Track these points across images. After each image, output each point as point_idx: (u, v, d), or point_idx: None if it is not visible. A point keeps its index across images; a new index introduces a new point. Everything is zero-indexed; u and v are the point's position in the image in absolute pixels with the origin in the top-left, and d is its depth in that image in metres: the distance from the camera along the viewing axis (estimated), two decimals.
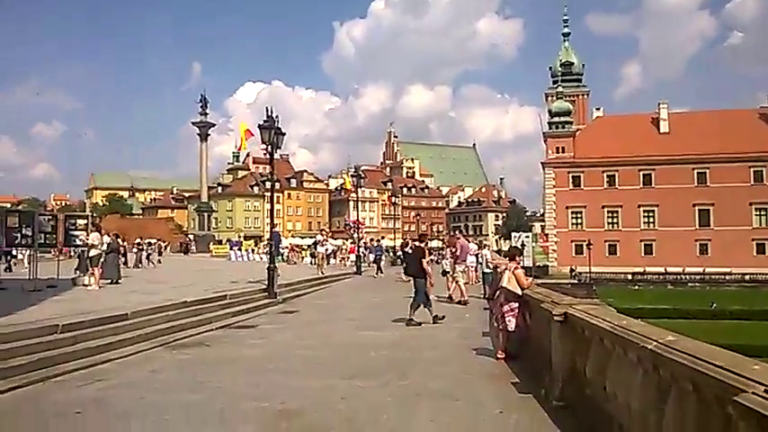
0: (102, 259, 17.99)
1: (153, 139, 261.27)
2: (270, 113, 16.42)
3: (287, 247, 41.40)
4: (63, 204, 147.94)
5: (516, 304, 8.18)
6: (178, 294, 14.22)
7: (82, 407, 6.06)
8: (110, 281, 17.87)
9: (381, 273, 27.83)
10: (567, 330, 5.99)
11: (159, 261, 35.32)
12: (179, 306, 12.43)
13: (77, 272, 18.18)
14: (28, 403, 6.26)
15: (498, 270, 9.37)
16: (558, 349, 6.23)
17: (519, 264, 8.48)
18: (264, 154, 17.34)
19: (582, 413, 5.52)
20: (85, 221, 17.70)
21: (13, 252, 26.09)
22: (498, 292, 8.46)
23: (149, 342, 9.93)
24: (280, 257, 21.94)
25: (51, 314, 9.92)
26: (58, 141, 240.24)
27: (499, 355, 8.34)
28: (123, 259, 24.21)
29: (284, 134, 17.15)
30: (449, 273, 17.47)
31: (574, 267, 69.48)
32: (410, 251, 14.40)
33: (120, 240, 22.22)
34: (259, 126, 16.58)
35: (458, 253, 16.61)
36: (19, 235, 15.14)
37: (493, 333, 10.20)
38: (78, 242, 17.19)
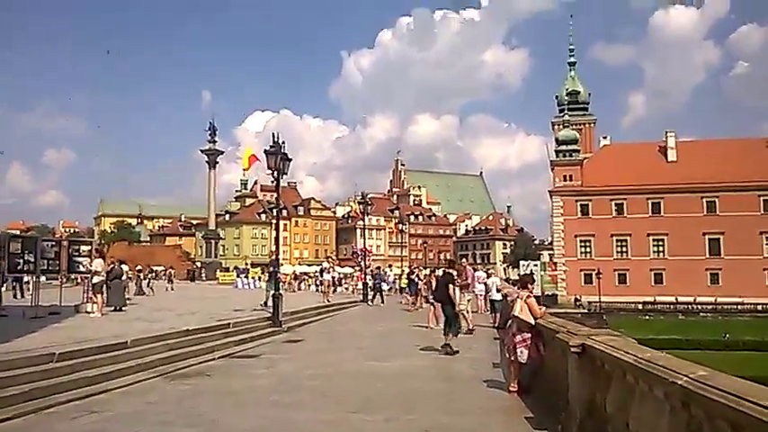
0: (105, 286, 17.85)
1: (162, 167, 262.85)
2: (276, 139, 16.29)
3: (285, 275, 40.95)
4: (72, 231, 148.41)
5: (529, 334, 7.85)
6: (181, 322, 13.95)
7: None
8: (113, 308, 17.62)
9: (382, 302, 27.24)
10: (584, 363, 5.67)
11: (172, 289, 35.18)
12: (181, 334, 12.13)
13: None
14: None
15: (509, 299, 9.07)
16: (575, 383, 5.90)
17: (531, 292, 8.16)
18: (272, 181, 17.18)
19: None
20: (89, 248, 17.49)
21: (25, 279, 25.96)
22: (510, 321, 8.14)
23: (149, 372, 9.62)
24: (270, 285, 21.32)
25: (49, 342, 9.66)
26: (68, 168, 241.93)
27: (511, 388, 7.98)
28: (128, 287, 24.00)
29: (290, 160, 16.99)
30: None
31: (579, 297, 68.73)
32: (439, 277, 14.24)
33: (124, 267, 22.03)
34: (265, 151, 16.44)
35: (468, 281, 16.26)
36: (21, 261, 14.96)
37: (504, 364, 9.87)
38: (81, 269, 16.96)
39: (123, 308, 17.94)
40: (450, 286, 12.41)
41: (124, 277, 20.44)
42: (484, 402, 7.55)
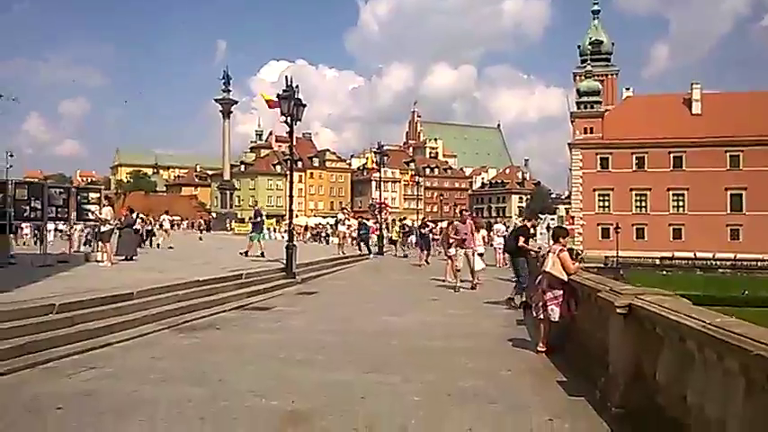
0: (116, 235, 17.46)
1: (178, 117, 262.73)
2: (289, 83, 15.51)
3: (299, 227, 40.63)
4: (89, 181, 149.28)
5: (561, 291, 7.23)
6: (194, 273, 13.49)
7: (65, 401, 5.28)
8: (124, 257, 17.25)
9: (368, 251, 26.02)
10: (631, 325, 5.04)
11: (201, 239, 34.35)
12: (191, 285, 11.67)
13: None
14: (3, 395, 5.48)
15: (540, 253, 8.43)
16: (618, 346, 5.29)
17: (564, 246, 7.49)
18: (286, 132, 16.39)
19: (651, 424, 4.59)
20: (98, 195, 17.00)
21: (49, 226, 25.69)
22: (540, 277, 7.51)
23: (155, 324, 9.17)
24: (261, 236, 21.39)
25: (51, 292, 9.20)
26: (84, 118, 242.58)
27: (540, 348, 7.41)
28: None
29: (305, 105, 16.22)
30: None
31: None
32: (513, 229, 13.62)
33: (135, 216, 21.63)
34: (278, 96, 15.69)
35: (465, 236, 14.57)
36: (28, 208, 14.52)
37: (529, 322, 9.31)
38: (90, 216, 16.53)
39: (134, 257, 17.56)
40: (521, 238, 11.78)
41: (137, 226, 20.22)
42: (510, 363, 6.98)
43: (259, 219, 21.96)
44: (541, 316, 7.33)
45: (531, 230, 12.66)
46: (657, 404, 4.59)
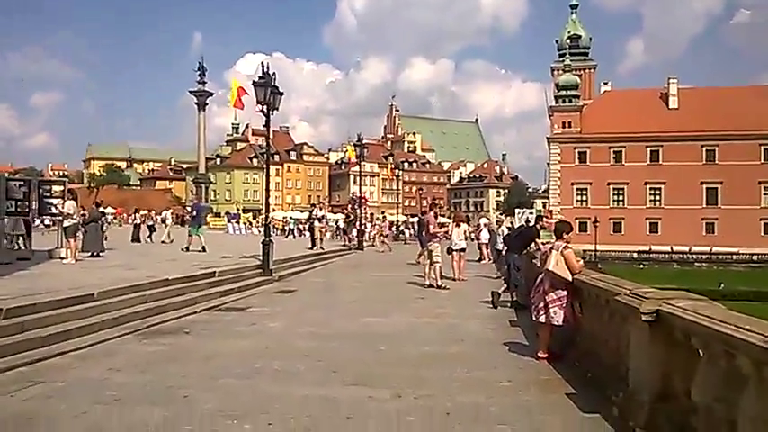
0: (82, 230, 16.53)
1: (153, 111, 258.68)
2: (266, 70, 14.67)
3: (277, 221, 39.89)
4: (60, 174, 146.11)
5: (564, 292, 6.59)
6: (164, 270, 12.66)
7: None
8: (90, 254, 16.33)
9: (320, 247, 24.08)
10: (658, 334, 4.40)
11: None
12: (159, 284, 10.86)
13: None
14: None
15: (541, 250, 7.78)
16: (640, 358, 4.65)
17: (568, 242, 6.84)
18: (263, 125, 15.52)
19: None
20: (62, 188, 16.00)
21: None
22: (541, 276, 6.86)
23: (118, 328, 8.35)
24: (199, 230, 20.71)
25: (3, 294, 8.34)
26: (56, 111, 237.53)
27: (541, 355, 6.76)
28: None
29: (281, 94, 15.39)
30: (455, 250, 15.81)
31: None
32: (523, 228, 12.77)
33: (101, 210, 20.68)
34: (254, 83, 14.84)
35: (433, 230, 14.11)
36: None
37: (524, 324, 8.70)
38: (54, 210, 15.56)
39: (101, 253, 16.65)
40: (534, 245, 11.19)
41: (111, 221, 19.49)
42: (510, 372, 6.32)
43: (195, 213, 21.63)
44: (543, 319, 6.67)
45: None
46: (693, 428, 3.96)
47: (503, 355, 7.17)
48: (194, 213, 21.42)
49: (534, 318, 6.87)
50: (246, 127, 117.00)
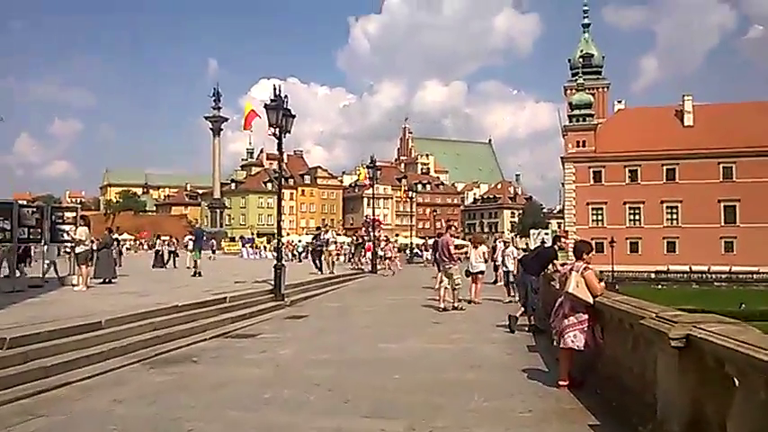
0: (93, 257, 16.49)
1: (168, 137, 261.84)
2: (277, 92, 14.62)
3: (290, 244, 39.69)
4: (78, 201, 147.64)
5: (585, 316, 6.31)
6: (176, 296, 12.49)
7: None
8: (102, 280, 16.24)
9: (321, 271, 22.57)
10: (688, 361, 4.12)
11: (214, 258, 34.14)
12: (168, 311, 10.68)
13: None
14: None
15: (560, 272, 7.50)
16: (669, 386, 4.36)
17: (589, 263, 6.57)
18: (277, 146, 15.43)
19: None
20: (74, 214, 15.97)
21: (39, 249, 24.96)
22: (561, 299, 6.58)
23: (125, 357, 8.17)
24: (197, 254, 21.14)
25: (10, 323, 8.20)
26: (75, 138, 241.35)
27: (561, 382, 6.46)
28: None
29: (294, 116, 15.32)
30: (474, 273, 15.57)
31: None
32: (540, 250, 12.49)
33: (114, 235, 20.68)
34: (265, 106, 14.78)
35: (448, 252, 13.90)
36: None
37: (542, 348, 8.40)
38: (66, 237, 15.51)
39: (113, 280, 16.56)
40: (551, 267, 10.91)
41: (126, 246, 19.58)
42: (529, 401, 6.02)
43: (196, 238, 21.75)
44: (563, 345, 6.38)
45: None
46: None
47: (521, 382, 6.87)
48: (195, 238, 21.48)
49: (556, 343, 6.57)
50: (261, 151, 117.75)
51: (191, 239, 22.12)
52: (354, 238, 31.34)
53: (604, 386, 6.10)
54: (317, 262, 23.15)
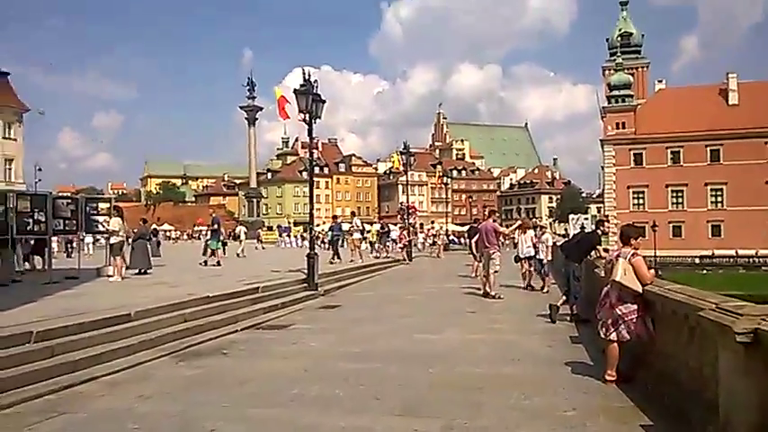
0: (127, 247, 16.55)
1: (207, 128, 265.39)
2: (307, 77, 14.31)
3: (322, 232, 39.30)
4: (120, 193, 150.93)
5: (634, 306, 5.85)
6: (209, 286, 12.35)
7: None
8: (138, 271, 16.27)
9: (339, 259, 21.73)
10: (756, 359, 3.67)
11: (263, 248, 34.94)
12: (199, 302, 10.51)
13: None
14: None
15: (606, 259, 7.03)
16: (734, 386, 3.91)
17: (637, 248, 6.09)
18: (308, 132, 15.09)
19: None
20: (108, 205, 15.99)
21: (86, 238, 25.64)
22: (607, 288, 6.13)
23: (154, 350, 8.00)
24: (220, 243, 21.28)
25: (41, 315, 8.11)
26: (117, 131, 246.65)
27: (608, 377, 6.03)
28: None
29: (324, 101, 15.01)
30: (523, 258, 15.17)
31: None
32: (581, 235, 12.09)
33: (155, 227, 20.77)
34: (295, 91, 14.49)
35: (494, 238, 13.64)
36: (31, 221, 13.55)
37: (586, 340, 7.96)
38: (100, 228, 15.55)
39: (149, 270, 16.58)
40: (594, 253, 10.57)
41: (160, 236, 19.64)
42: (574, 398, 5.61)
43: (216, 226, 21.46)
44: (613, 337, 5.94)
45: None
46: None
47: (564, 376, 6.45)
48: (215, 227, 21.33)
49: (603, 335, 6.12)
50: (296, 140, 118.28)
51: (211, 228, 21.92)
52: (382, 226, 30.14)
53: (656, 382, 5.64)
54: (336, 251, 22.31)
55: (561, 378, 6.40)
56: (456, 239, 49.90)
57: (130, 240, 18.24)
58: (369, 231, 28.66)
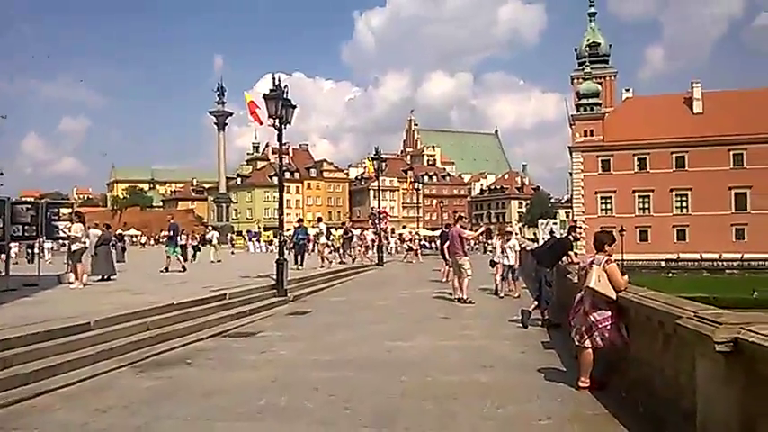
0: (90, 253, 16.08)
1: (175, 133, 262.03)
2: (276, 83, 14.08)
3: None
4: (85, 198, 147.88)
5: (608, 312, 5.77)
6: (173, 294, 12.02)
7: None
8: (101, 277, 15.81)
9: (301, 265, 20.84)
10: (736, 369, 3.58)
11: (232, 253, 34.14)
12: (163, 310, 10.17)
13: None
14: None
15: (580, 265, 6.95)
16: (713, 396, 3.82)
17: (611, 255, 6.02)
18: (278, 138, 14.79)
19: None
20: (69, 210, 15.51)
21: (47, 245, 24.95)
22: (580, 295, 6.04)
23: (114, 360, 7.68)
24: (175, 250, 20.81)
25: None
26: (83, 136, 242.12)
27: (582, 384, 5.94)
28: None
29: (294, 107, 14.78)
30: (498, 263, 15.06)
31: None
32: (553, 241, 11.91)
33: (117, 231, 20.26)
34: (264, 96, 14.24)
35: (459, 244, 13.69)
36: None
37: (558, 345, 7.88)
38: (61, 234, 15.05)
39: (112, 277, 16.12)
40: (566, 258, 10.50)
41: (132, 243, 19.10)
42: (549, 406, 5.49)
43: (171, 233, 21.09)
44: (587, 343, 5.84)
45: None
46: None
47: (538, 383, 6.34)
48: (171, 233, 20.94)
49: (577, 342, 6.03)
50: (266, 146, 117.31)
51: (167, 235, 21.55)
52: (344, 231, 28.83)
53: (630, 389, 5.56)
54: (299, 257, 21.41)
55: (534, 385, 6.29)
56: (427, 244, 49.86)
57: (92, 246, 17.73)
58: (332, 237, 28.06)
